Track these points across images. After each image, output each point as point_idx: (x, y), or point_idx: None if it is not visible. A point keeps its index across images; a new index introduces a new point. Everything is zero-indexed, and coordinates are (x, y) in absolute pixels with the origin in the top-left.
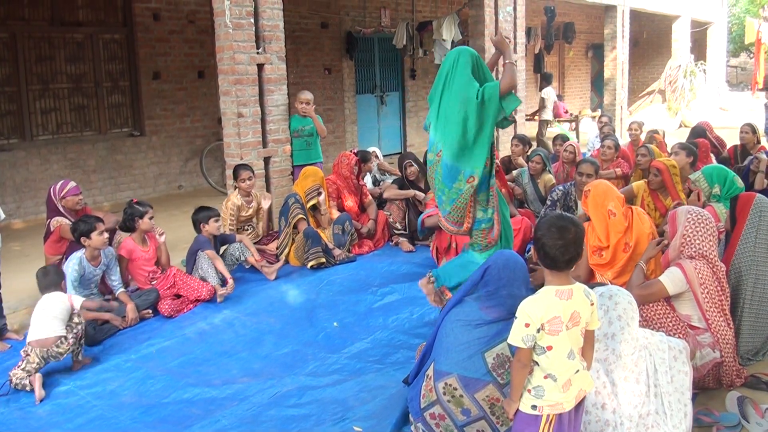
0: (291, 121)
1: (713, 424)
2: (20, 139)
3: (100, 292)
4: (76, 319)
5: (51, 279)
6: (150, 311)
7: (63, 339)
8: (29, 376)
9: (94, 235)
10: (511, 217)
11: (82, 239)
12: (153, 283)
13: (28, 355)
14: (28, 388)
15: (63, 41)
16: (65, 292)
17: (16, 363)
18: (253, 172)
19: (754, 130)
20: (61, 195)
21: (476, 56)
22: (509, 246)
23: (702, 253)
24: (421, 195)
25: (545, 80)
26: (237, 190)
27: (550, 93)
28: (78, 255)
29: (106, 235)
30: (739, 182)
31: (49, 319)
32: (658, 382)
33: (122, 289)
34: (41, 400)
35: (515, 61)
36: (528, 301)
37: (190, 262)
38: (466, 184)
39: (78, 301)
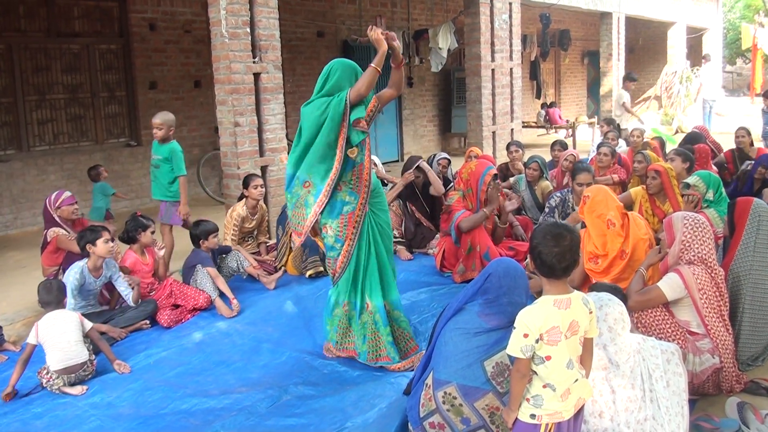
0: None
1: (713, 430)
2: (17, 149)
3: (98, 303)
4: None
5: (54, 295)
6: (147, 322)
7: (89, 363)
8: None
9: (99, 242)
10: (510, 224)
11: (88, 246)
12: (151, 294)
13: (50, 379)
14: (56, 390)
15: (59, 52)
16: (65, 307)
17: (11, 374)
18: (263, 180)
19: (749, 133)
20: (56, 205)
21: (355, 69)
22: (359, 291)
23: (701, 258)
24: (410, 177)
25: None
26: (244, 200)
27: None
28: (80, 264)
29: (111, 243)
30: (723, 190)
31: (73, 344)
32: (654, 387)
33: (131, 291)
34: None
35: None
36: (526, 312)
37: (188, 274)
38: (302, 188)
39: (88, 324)
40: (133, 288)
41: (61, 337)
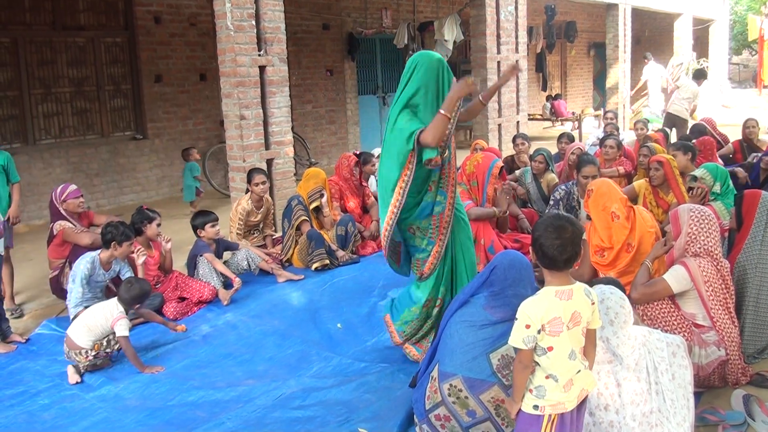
0: None
1: (719, 423)
2: (23, 143)
3: (105, 297)
4: (113, 341)
5: (133, 295)
6: None
7: (85, 352)
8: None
9: (125, 244)
10: (515, 216)
11: (113, 244)
12: (157, 286)
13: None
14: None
15: (65, 45)
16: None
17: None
18: (266, 175)
19: (758, 123)
20: (62, 198)
21: (441, 64)
22: (451, 285)
23: (707, 250)
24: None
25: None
26: (249, 194)
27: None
28: (93, 255)
29: (131, 248)
30: (731, 182)
31: (84, 327)
32: (659, 380)
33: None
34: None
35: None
36: (528, 302)
37: (191, 267)
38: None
39: (122, 329)
40: (142, 255)
41: (86, 317)
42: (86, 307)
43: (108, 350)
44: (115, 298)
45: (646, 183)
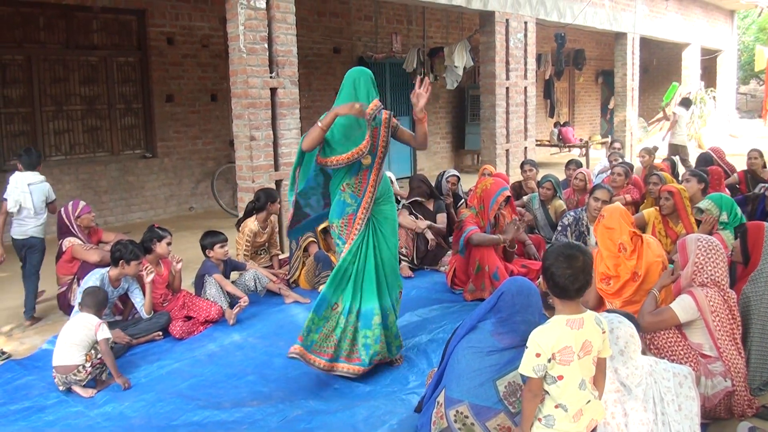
0: None
1: None
2: None
3: (112, 314)
4: (98, 347)
5: (94, 303)
6: (160, 333)
7: (82, 367)
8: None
9: (133, 263)
10: (522, 242)
11: (121, 263)
12: (164, 305)
13: (55, 377)
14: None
15: (77, 64)
16: (101, 317)
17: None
18: (278, 195)
19: (762, 155)
20: (76, 215)
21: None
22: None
23: (714, 280)
24: (429, 234)
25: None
26: (255, 215)
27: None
28: (102, 272)
29: (140, 267)
30: (739, 210)
31: (69, 345)
32: (665, 410)
33: (144, 303)
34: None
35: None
36: (539, 331)
37: (198, 286)
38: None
39: (103, 334)
40: (150, 273)
41: (64, 337)
42: None
43: (99, 356)
44: (80, 312)
45: (656, 212)
